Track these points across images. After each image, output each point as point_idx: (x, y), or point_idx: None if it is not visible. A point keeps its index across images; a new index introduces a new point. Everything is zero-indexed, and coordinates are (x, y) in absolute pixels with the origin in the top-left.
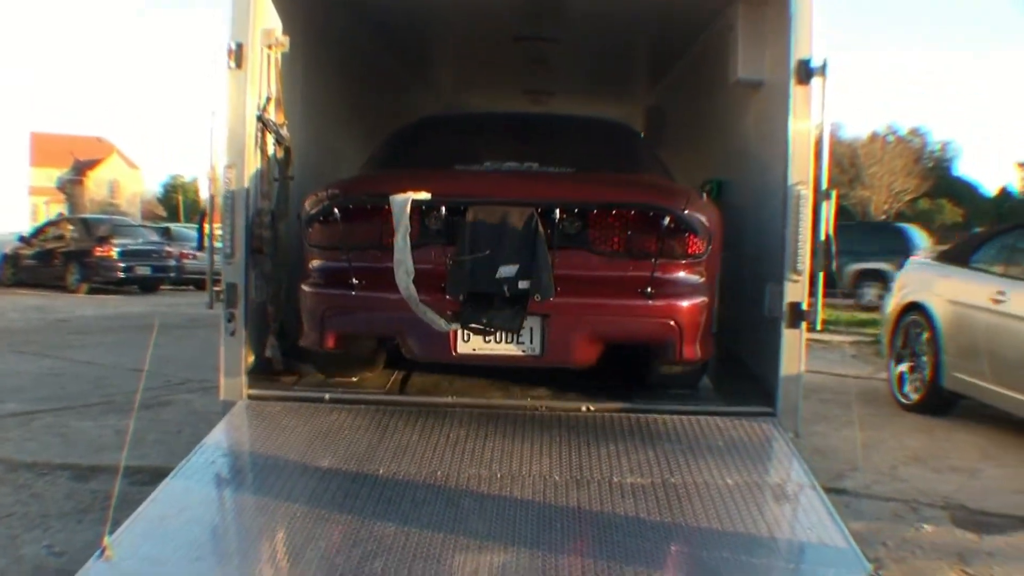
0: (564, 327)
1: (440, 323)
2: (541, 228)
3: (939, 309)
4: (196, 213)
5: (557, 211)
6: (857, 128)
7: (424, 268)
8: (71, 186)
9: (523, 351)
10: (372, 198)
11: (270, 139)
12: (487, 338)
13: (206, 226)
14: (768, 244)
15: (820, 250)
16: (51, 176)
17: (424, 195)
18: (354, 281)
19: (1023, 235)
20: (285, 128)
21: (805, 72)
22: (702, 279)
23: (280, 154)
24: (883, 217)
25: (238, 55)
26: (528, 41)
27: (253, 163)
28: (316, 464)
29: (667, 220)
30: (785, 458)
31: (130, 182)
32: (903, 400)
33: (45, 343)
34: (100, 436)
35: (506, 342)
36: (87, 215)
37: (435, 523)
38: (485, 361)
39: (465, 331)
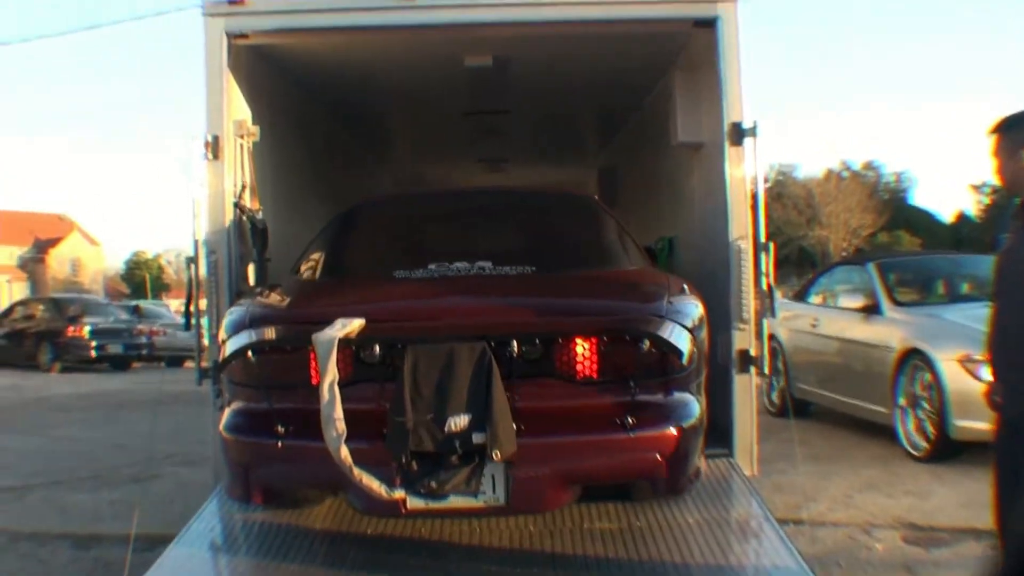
0: (531, 472)
1: (381, 492)
2: (495, 366)
3: (784, 336)
4: (161, 290)
5: (514, 342)
6: (812, 168)
7: (360, 411)
8: (32, 264)
9: (485, 502)
10: (290, 338)
11: (247, 224)
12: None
13: (192, 306)
14: (715, 296)
15: (763, 298)
16: (12, 254)
17: (355, 324)
18: (279, 428)
19: (833, 274)
20: (260, 212)
21: (737, 134)
22: (692, 394)
23: (257, 237)
24: (843, 255)
25: (215, 147)
26: (478, 115)
27: (233, 247)
28: (309, 526)
29: (646, 344)
30: (742, 494)
31: (92, 259)
32: (769, 407)
33: (26, 421)
34: (95, 507)
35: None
36: (57, 295)
37: (422, 572)
38: (441, 515)
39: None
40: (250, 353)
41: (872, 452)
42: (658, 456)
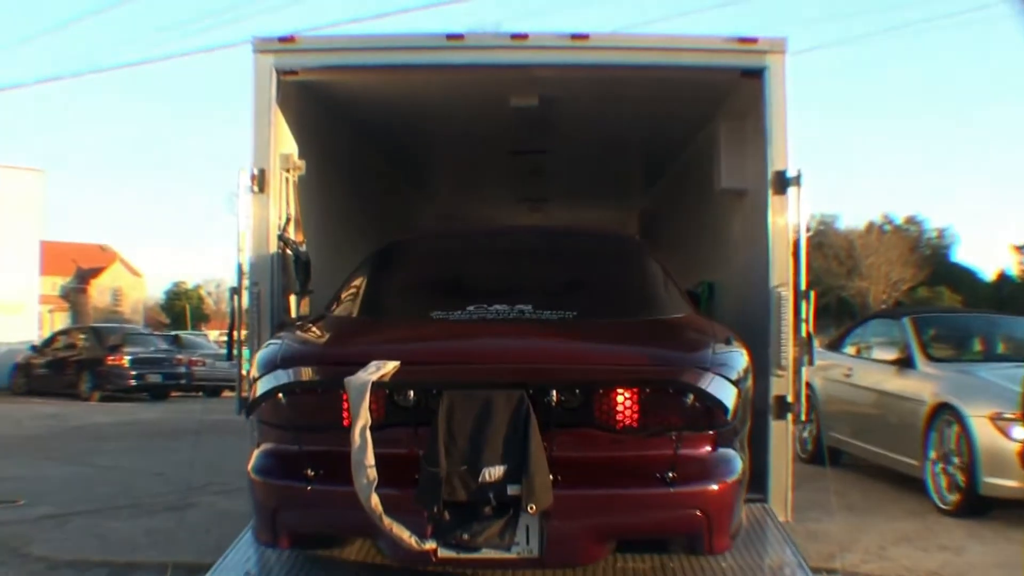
0: (566, 524)
1: (412, 542)
2: (533, 415)
3: (818, 384)
4: (201, 320)
5: (553, 391)
6: (854, 219)
7: (392, 455)
8: (75, 294)
9: (518, 554)
10: (322, 381)
11: (290, 256)
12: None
13: (234, 336)
14: (754, 341)
15: (802, 346)
16: (54, 284)
17: (389, 367)
18: (309, 471)
19: (868, 326)
20: (303, 245)
21: (781, 183)
22: (735, 449)
23: (300, 270)
24: (882, 307)
25: (260, 180)
26: (524, 154)
27: (276, 279)
28: (344, 558)
29: (690, 398)
30: (776, 541)
31: (133, 289)
32: (801, 454)
33: (66, 450)
34: (132, 535)
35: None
36: (98, 324)
37: None
38: (472, 565)
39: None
40: (280, 395)
41: (907, 506)
42: (698, 513)
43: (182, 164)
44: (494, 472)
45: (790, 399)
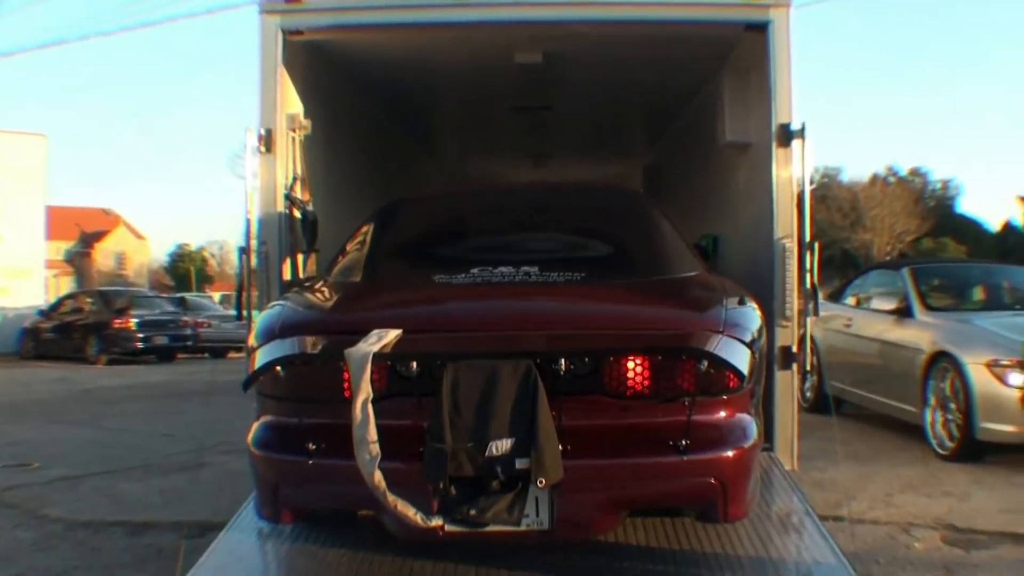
0: (578, 495)
1: (417, 519)
2: (541, 386)
3: (820, 335)
4: (205, 282)
5: (562, 360)
6: (857, 171)
7: (395, 427)
8: (79, 259)
9: (527, 527)
10: (322, 352)
11: (297, 215)
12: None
13: (244, 297)
14: (759, 293)
15: (806, 297)
16: (58, 249)
17: (391, 336)
18: (310, 445)
19: (868, 277)
20: (310, 204)
21: (786, 136)
22: (750, 414)
23: (307, 229)
24: (886, 259)
25: (267, 140)
26: (528, 110)
27: (284, 238)
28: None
29: (704, 363)
30: (783, 489)
31: (137, 253)
32: (802, 403)
33: (76, 413)
34: (146, 496)
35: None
36: (105, 288)
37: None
38: (480, 540)
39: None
40: (279, 368)
41: (911, 454)
42: (713, 480)
43: (185, 127)
44: (502, 445)
45: (795, 349)
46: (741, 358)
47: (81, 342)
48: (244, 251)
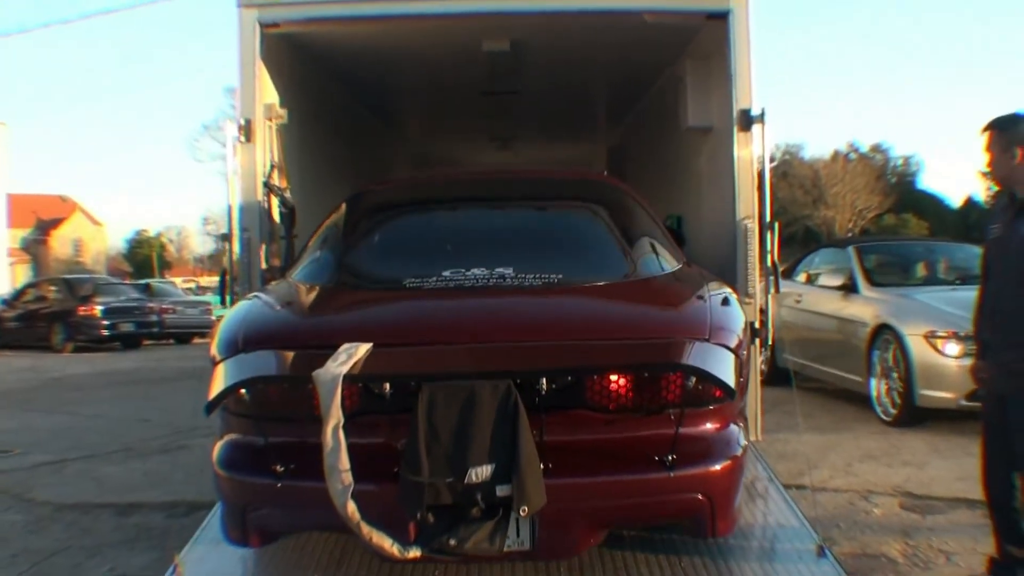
0: (559, 516)
1: (394, 551)
2: (521, 407)
3: (772, 311)
4: (165, 268)
5: (543, 380)
6: (819, 148)
7: (369, 447)
8: (35, 246)
9: (508, 547)
10: (288, 375)
11: (275, 203)
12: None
13: (227, 286)
14: (722, 271)
15: (768, 274)
16: (15, 237)
17: (361, 351)
18: (277, 467)
19: (817, 255)
20: (288, 191)
21: (746, 120)
22: (737, 424)
23: (285, 215)
24: (848, 235)
25: (247, 130)
26: (495, 95)
27: (264, 225)
28: None
29: (692, 381)
30: (748, 458)
31: (94, 240)
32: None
33: (48, 400)
34: (129, 478)
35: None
36: (69, 275)
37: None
38: (460, 560)
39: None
40: (243, 391)
41: (872, 427)
42: (700, 497)
43: (141, 113)
44: (482, 472)
45: (757, 325)
46: (727, 368)
47: (46, 330)
48: (227, 238)
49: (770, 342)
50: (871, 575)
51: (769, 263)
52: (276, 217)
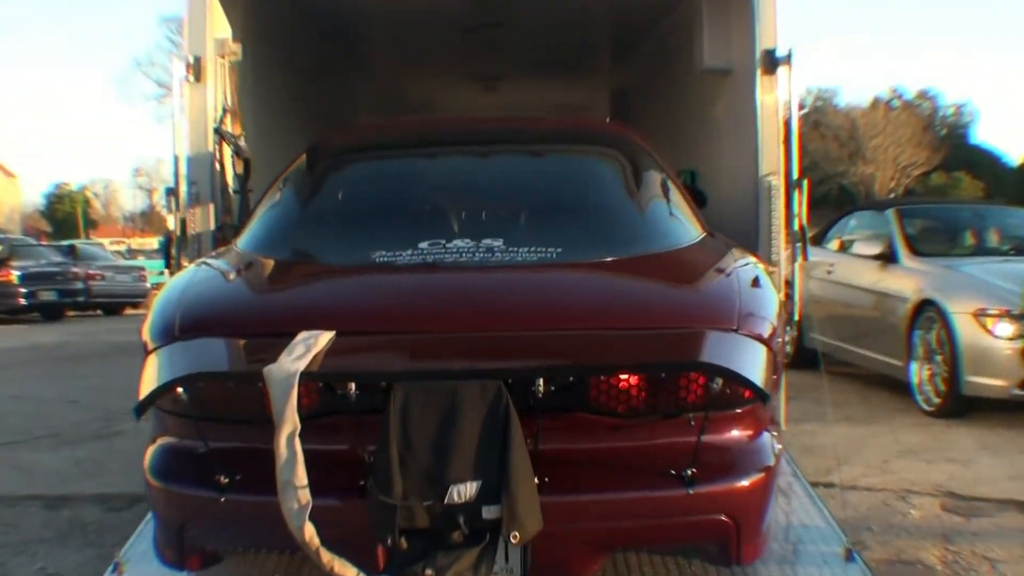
0: (556, 539)
1: None
2: (513, 413)
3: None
4: (90, 227)
5: (540, 381)
6: (856, 94)
7: (330, 457)
8: None
9: (496, 574)
10: (234, 371)
11: (227, 152)
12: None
13: (173, 249)
14: (741, 236)
15: (794, 240)
16: None
17: (321, 342)
18: (221, 477)
19: (851, 219)
20: (243, 139)
21: (770, 62)
22: (768, 429)
23: (239, 166)
24: (890, 196)
25: (196, 69)
26: (476, 28)
27: (215, 178)
28: None
29: (718, 383)
30: None
31: (5, 193)
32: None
33: None
34: (59, 467)
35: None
36: None
37: None
38: None
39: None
40: (179, 389)
41: (913, 417)
42: (724, 518)
43: (61, 46)
44: (465, 491)
45: (782, 298)
46: (758, 366)
47: None
48: (172, 192)
49: (796, 318)
50: None
51: (796, 227)
52: (228, 168)
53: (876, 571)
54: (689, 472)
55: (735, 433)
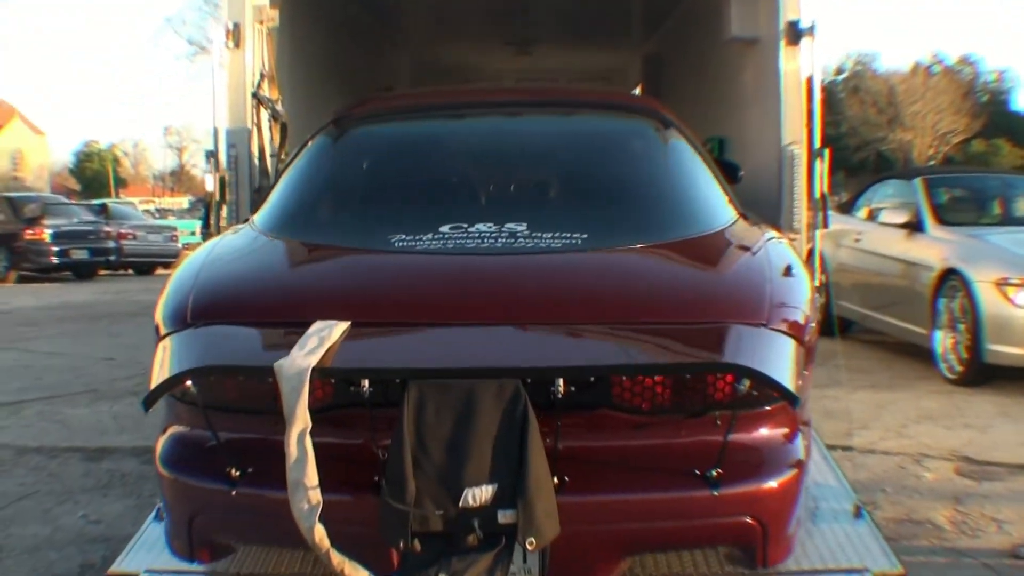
0: (575, 540)
1: None
2: (531, 414)
3: (829, 252)
4: (120, 186)
5: (560, 380)
6: (896, 59)
7: (340, 448)
8: None
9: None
10: (244, 365)
11: (265, 116)
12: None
13: (212, 210)
14: (764, 204)
15: (816, 208)
16: None
17: (335, 334)
18: (232, 470)
19: (880, 187)
20: (280, 103)
21: (794, 33)
22: (797, 425)
23: (276, 131)
24: (929, 163)
25: (236, 35)
26: None
27: (253, 142)
28: None
29: (745, 384)
30: None
31: (35, 152)
32: None
33: None
34: (98, 421)
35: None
36: (12, 194)
37: None
38: None
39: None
40: (189, 383)
41: (935, 384)
42: (750, 520)
43: (86, 6)
44: (480, 494)
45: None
46: (788, 364)
47: None
48: (212, 155)
49: (817, 283)
50: (913, 540)
51: (817, 195)
52: (266, 133)
53: (885, 529)
54: (714, 473)
55: (763, 432)
